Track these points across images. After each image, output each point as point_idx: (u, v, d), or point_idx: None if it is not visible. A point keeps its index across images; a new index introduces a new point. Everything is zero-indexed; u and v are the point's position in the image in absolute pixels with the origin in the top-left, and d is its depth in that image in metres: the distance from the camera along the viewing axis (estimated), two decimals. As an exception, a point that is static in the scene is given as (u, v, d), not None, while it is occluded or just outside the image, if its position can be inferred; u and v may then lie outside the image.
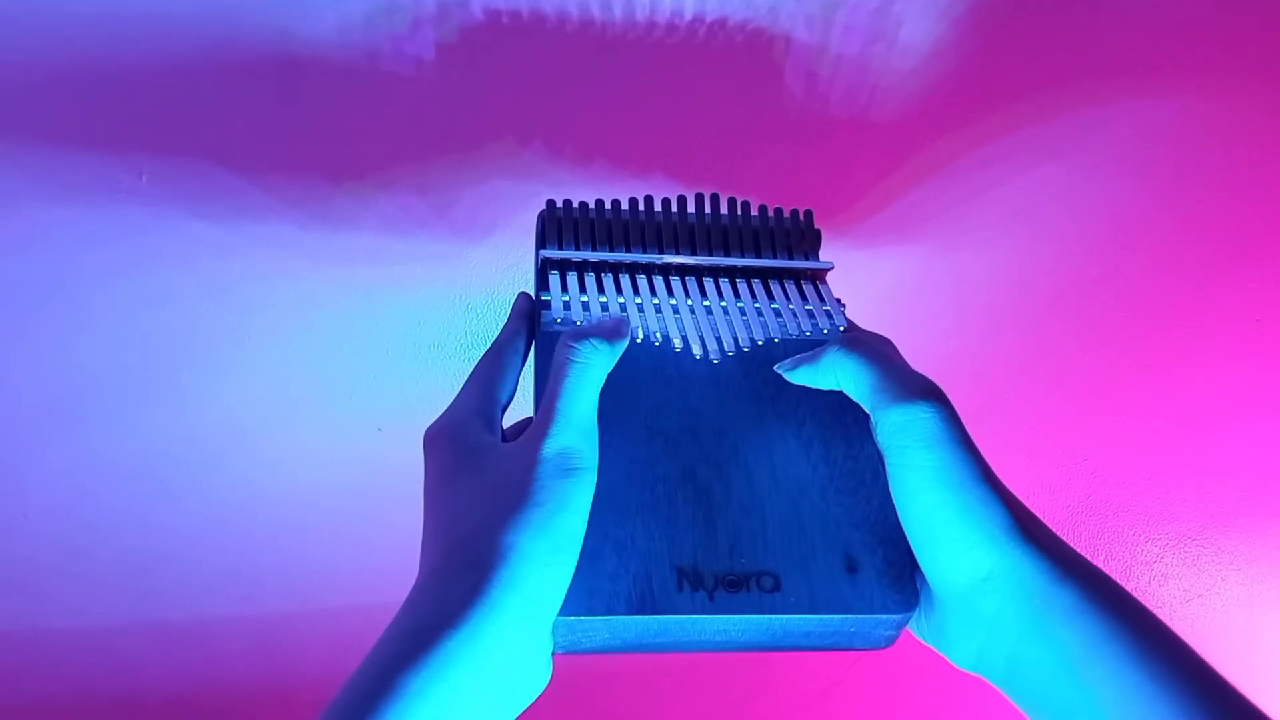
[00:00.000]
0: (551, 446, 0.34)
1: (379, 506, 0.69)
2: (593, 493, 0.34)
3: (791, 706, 0.86)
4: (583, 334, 0.37)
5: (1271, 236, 0.68)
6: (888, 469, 0.36)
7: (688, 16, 0.55)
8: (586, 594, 0.34)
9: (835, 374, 0.39)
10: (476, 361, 0.42)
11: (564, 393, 0.35)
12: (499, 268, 0.61)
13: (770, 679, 0.84)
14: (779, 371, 0.42)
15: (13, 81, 0.53)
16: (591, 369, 0.36)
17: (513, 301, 0.46)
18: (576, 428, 0.35)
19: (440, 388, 0.65)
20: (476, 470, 0.35)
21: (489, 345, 0.43)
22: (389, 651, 0.30)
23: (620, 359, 0.39)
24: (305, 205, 0.58)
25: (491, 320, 0.64)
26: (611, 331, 0.38)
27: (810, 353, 0.41)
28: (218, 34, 0.53)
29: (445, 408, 0.40)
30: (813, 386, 0.41)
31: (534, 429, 0.35)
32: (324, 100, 0.55)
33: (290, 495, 0.68)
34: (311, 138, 0.56)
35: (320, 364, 0.63)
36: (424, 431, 0.39)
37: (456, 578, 0.32)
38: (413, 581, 0.34)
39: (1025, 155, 0.62)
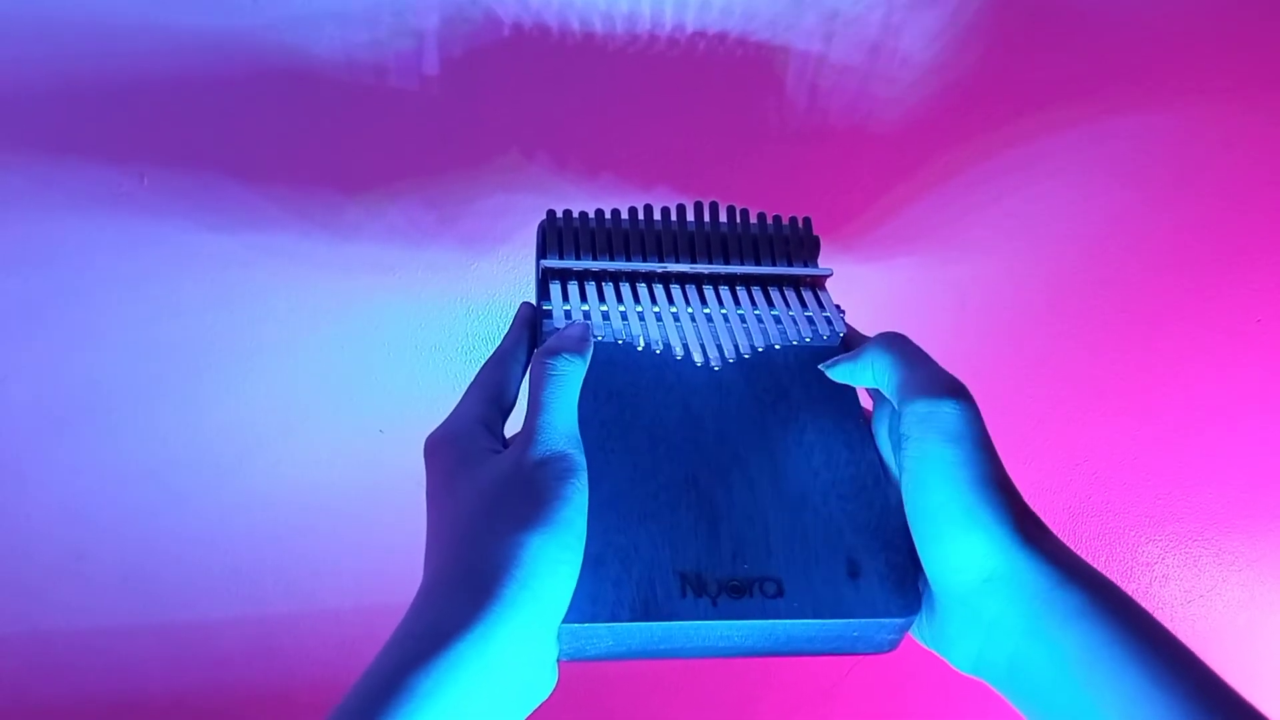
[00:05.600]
0: (539, 452, 0.35)
1: (380, 507, 0.69)
2: (587, 493, 0.35)
3: (792, 708, 0.86)
4: (554, 350, 0.39)
5: (1271, 238, 0.68)
6: (904, 460, 0.36)
7: (689, 30, 0.56)
8: (590, 601, 0.34)
9: (872, 367, 0.40)
10: (479, 369, 0.43)
11: (545, 403, 0.37)
12: (501, 272, 0.62)
13: (771, 680, 0.85)
14: (822, 369, 0.43)
15: (23, 92, 0.53)
16: (568, 379, 0.38)
17: (515, 310, 0.46)
18: (561, 434, 0.36)
19: (441, 389, 0.65)
20: (477, 477, 0.36)
21: (491, 354, 0.43)
22: (398, 654, 0.30)
23: (621, 368, 0.40)
24: (312, 216, 0.58)
25: (492, 323, 0.64)
26: (579, 342, 0.40)
27: (851, 352, 0.42)
28: (226, 50, 0.53)
29: (447, 415, 0.40)
30: (850, 384, 0.42)
31: (522, 439, 0.36)
32: (332, 114, 0.56)
33: (292, 496, 0.69)
34: (320, 150, 0.57)
35: (322, 367, 0.64)
36: (425, 439, 0.39)
37: (464, 582, 0.32)
38: (414, 582, 0.34)
39: (1025, 166, 0.63)
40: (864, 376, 0.40)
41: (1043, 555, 0.33)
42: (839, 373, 0.42)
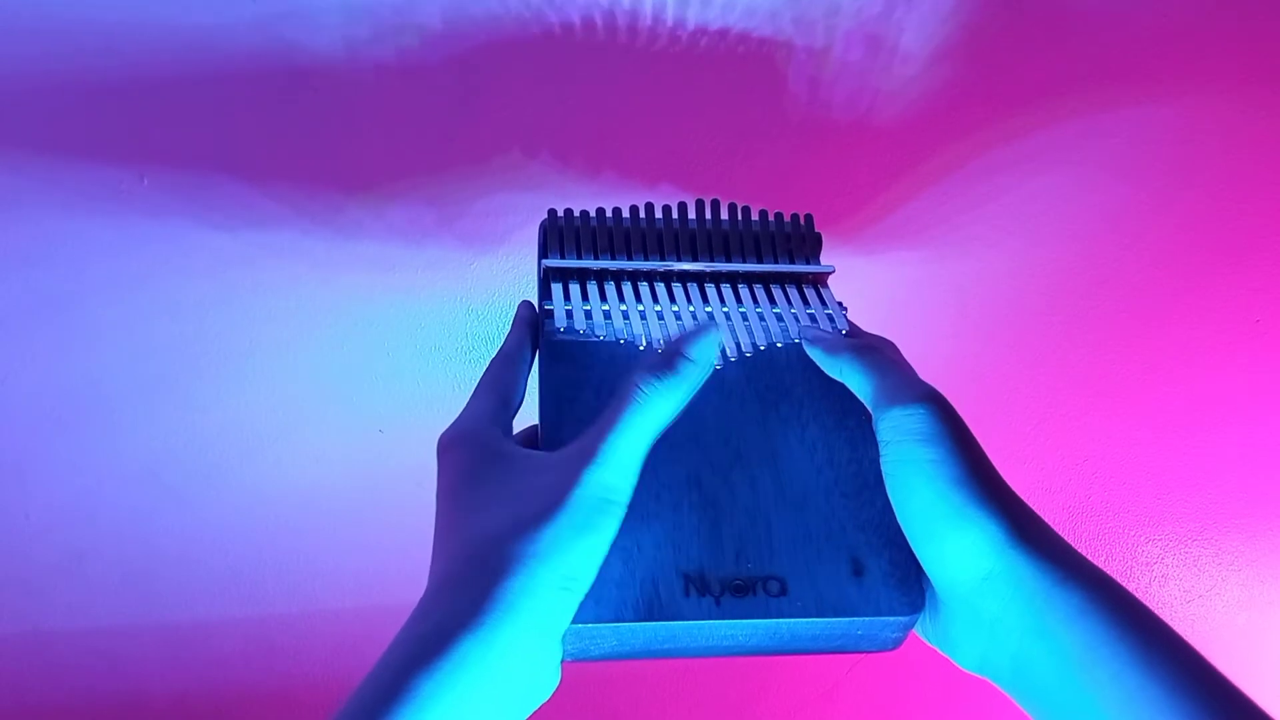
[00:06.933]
0: (594, 476, 0.33)
1: (380, 507, 0.69)
2: (618, 529, 0.34)
3: (792, 708, 0.86)
4: (658, 370, 0.35)
5: (1271, 237, 0.68)
6: (884, 467, 0.36)
7: (690, 27, 0.56)
8: (594, 602, 0.34)
9: (842, 373, 0.40)
10: (484, 369, 0.43)
11: (620, 426, 0.34)
12: (501, 272, 0.62)
13: (771, 680, 0.85)
14: (800, 339, 0.43)
15: (23, 92, 0.53)
16: (653, 409, 0.35)
17: (515, 309, 0.46)
18: (623, 466, 0.34)
19: (441, 390, 0.65)
20: (499, 477, 0.35)
21: (495, 353, 0.43)
22: (402, 654, 0.30)
23: (624, 367, 0.40)
24: (312, 214, 0.58)
25: (493, 323, 0.64)
26: (686, 381, 0.36)
27: (828, 336, 0.42)
28: (226, 48, 0.53)
29: (457, 414, 0.40)
30: (821, 368, 0.42)
31: (578, 450, 0.34)
32: (333, 113, 0.56)
33: (291, 496, 0.68)
34: (321, 149, 0.57)
35: (322, 366, 0.64)
36: (438, 438, 0.39)
37: (472, 582, 0.32)
38: (414, 583, 0.34)
39: (1026, 162, 0.63)
40: (832, 371, 0.41)
41: (1040, 553, 0.33)
42: (813, 351, 0.42)
